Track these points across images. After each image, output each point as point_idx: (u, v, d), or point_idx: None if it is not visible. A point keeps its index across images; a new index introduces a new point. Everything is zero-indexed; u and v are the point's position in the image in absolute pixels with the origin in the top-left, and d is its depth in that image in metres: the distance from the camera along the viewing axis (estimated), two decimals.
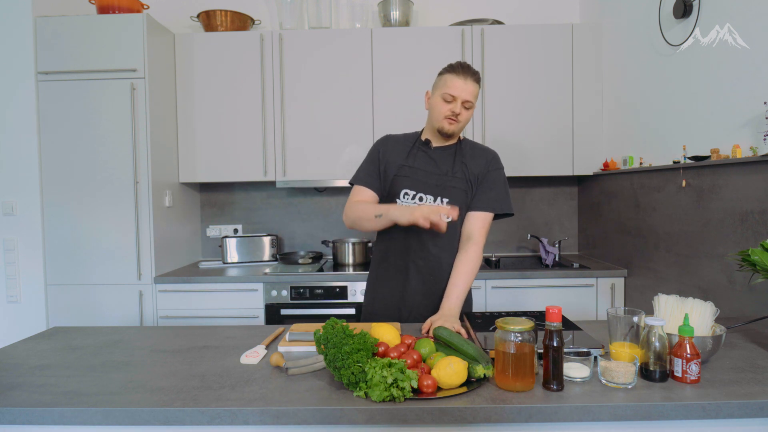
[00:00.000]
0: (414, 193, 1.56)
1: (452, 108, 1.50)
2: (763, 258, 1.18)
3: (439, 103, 1.52)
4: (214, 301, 2.47)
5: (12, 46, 2.35)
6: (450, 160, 1.58)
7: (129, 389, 1.02)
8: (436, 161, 1.58)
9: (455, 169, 1.57)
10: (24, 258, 2.41)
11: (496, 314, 1.43)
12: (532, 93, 2.71)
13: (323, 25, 2.88)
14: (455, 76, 1.49)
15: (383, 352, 1.08)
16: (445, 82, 1.51)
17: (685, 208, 1.95)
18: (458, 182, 1.56)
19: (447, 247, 1.58)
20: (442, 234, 1.53)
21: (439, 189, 1.55)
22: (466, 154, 1.61)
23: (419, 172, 1.57)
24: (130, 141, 2.40)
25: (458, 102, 1.49)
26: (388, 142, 1.66)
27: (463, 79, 1.48)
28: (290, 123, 2.72)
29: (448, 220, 1.37)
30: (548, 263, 2.75)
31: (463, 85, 1.48)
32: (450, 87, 1.49)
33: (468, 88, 1.49)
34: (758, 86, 1.63)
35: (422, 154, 1.60)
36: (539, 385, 0.99)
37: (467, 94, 1.49)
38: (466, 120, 1.54)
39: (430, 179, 1.56)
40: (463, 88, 1.48)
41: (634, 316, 1.12)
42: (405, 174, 1.57)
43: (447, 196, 1.55)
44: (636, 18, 2.35)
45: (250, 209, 3.09)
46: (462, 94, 1.48)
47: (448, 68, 1.53)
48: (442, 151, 1.60)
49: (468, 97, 1.49)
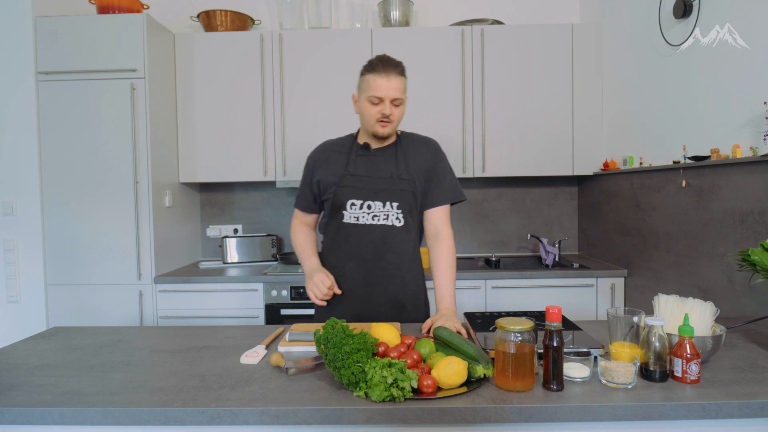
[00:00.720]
0: (361, 202, 1.50)
1: (381, 110, 1.43)
2: (763, 258, 1.18)
3: (368, 107, 1.45)
4: (214, 301, 2.47)
5: (12, 46, 2.35)
6: (392, 162, 1.52)
7: (129, 389, 1.02)
8: (379, 165, 1.52)
9: (400, 171, 1.51)
10: (24, 258, 2.41)
11: (496, 314, 1.43)
12: (532, 93, 2.71)
13: (323, 25, 2.88)
14: (377, 76, 1.41)
15: (383, 352, 1.08)
16: (368, 84, 1.43)
17: (685, 208, 1.95)
18: (405, 184, 1.50)
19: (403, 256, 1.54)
20: (394, 247, 1.52)
21: (386, 194, 1.50)
22: (408, 150, 1.55)
23: (363, 179, 1.50)
24: (130, 141, 2.40)
25: (386, 102, 1.42)
26: (322, 153, 1.59)
27: (385, 77, 1.41)
28: (290, 123, 2.72)
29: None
30: (548, 263, 2.75)
31: (386, 83, 1.41)
32: (374, 88, 1.42)
33: (392, 85, 1.41)
34: (758, 86, 1.63)
35: (363, 159, 1.53)
36: (539, 385, 0.99)
37: (394, 92, 1.42)
38: (400, 117, 1.49)
39: (375, 185, 1.50)
40: (387, 86, 1.41)
41: (634, 316, 1.12)
42: (348, 183, 1.51)
43: (395, 200, 1.50)
44: (636, 18, 2.35)
45: (250, 209, 3.09)
46: (388, 93, 1.41)
47: (368, 67, 1.45)
48: (383, 153, 1.54)
49: (395, 95, 1.42)
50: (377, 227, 1.50)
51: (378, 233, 1.50)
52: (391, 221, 1.50)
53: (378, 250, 1.51)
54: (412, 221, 1.54)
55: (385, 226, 1.50)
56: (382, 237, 1.50)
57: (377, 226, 1.50)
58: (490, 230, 3.09)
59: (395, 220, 1.51)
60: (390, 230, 1.50)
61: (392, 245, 1.51)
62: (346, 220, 1.52)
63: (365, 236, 1.50)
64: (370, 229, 1.50)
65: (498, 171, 2.73)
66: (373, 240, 1.50)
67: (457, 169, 2.71)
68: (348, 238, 1.52)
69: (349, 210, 1.51)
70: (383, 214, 1.50)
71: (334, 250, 1.56)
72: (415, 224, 1.55)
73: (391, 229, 1.50)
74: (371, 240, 1.50)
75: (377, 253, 1.51)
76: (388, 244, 1.51)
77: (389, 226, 1.50)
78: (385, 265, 1.51)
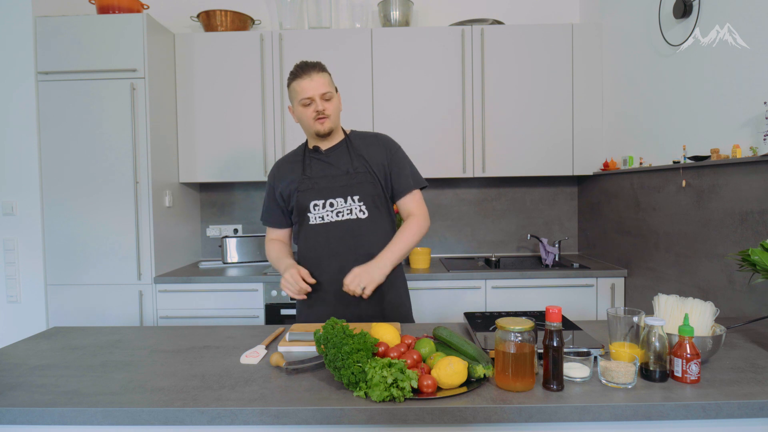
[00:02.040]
0: (323, 201, 1.55)
1: (314, 108, 1.50)
2: (763, 258, 1.18)
3: (303, 111, 1.52)
4: (214, 301, 2.47)
5: (12, 46, 2.35)
6: (346, 158, 1.58)
7: (129, 389, 1.02)
8: (333, 163, 1.58)
9: (355, 165, 1.56)
10: (24, 258, 2.41)
11: (496, 314, 1.43)
12: (532, 93, 2.71)
13: (323, 25, 2.88)
14: (300, 80, 1.49)
15: (383, 352, 1.08)
16: (296, 90, 1.51)
17: (685, 208, 1.95)
18: (362, 176, 1.55)
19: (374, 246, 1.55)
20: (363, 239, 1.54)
21: (345, 189, 1.55)
22: (359, 146, 1.60)
23: (320, 180, 1.56)
24: (130, 141, 2.40)
25: (317, 100, 1.49)
26: (279, 169, 1.65)
27: (308, 78, 1.49)
28: (290, 123, 2.71)
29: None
30: (548, 263, 2.75)
31: (310, 83, 1.49)
32: (301, 91, 1.49)
33: (316, 81, 1.49)
34: (758, 86, 1.63)
35: (316, 162, 1.59)
36: (539, 385, 0.99)
37: (320, 87, 1.49)
38: (336, 109, 1.55)
39: (334, 182, 1.55)
40: (311, 85, 1.48)
41: (634, 316, 1.12)
42: (307, 187, 1.56)
43: (356, 193, 1.54)
44: (636, 18, 2.35)
45: (250, 209, 3.09)
46: (315, 90, 1.48)
47: (290, 77, 1.53)
48: (335, 152, 1.59)
49: (322, 89, 1.49)
50: (343, 223, 1.54)
51: (345, 228, 1.54)
52: (355, 214, 1.54)
53: (348, 245, 1.54)
54: (378, 212, 1.57)
55: (350, 220, 1.54)
56: (350, 231, 1.54)
57: (343, 222, 1.54)
58: (490, 230, 3.09)
59: (359, 213, 1.55)
60: (356, 223, 1.54)
61: (361, 237, 1.54)
62: (312, 222, 1.57)
63: (334, 233, 1.54)
64: (336, 225, 1.54)
65: (498, 171, 2.73)
66: (342, 236, 1.54)
67: (457, 169, 2.71)
68: (318, 239, 1.56)
69: (313, 211, 1.56)
70: (346, 209, 1.55)
71: (307, 254, 1.59)
72: (382, 214, 1.58)
73: (356, 222, 1.54)
74: (340, 236, 1.54)
75: (348, 247, 1.54)
76: (356, 237, 1.54)
77: (354, 219, 1.54)
78: (357, 257, 1.53)
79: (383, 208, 1.59)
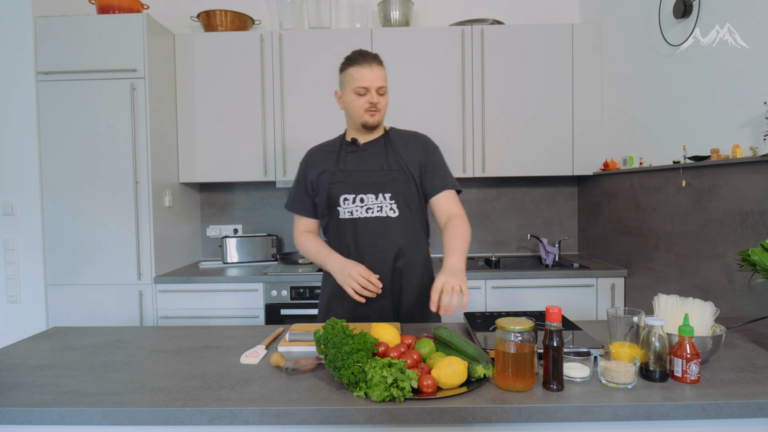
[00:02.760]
0: (354, 196, 1.51)
1: (368, 99, 1.47)
2: (763, 258, 1.18)
3: (354, 99, 1.48)
4: (214, 301, 2.47)
5: (12, 46, 2.35)
6: (382, 154, 1.54)
7: (129, 389, 1.02)
8: (368, 158, 1.54)
9: (390, 162, 1.53)
10: (24, 258, 2.41)
11: (496, 314, 1.43)
12: (532, 93, 2.71)
13: (323, 25, 2.88)
14: (360, 67, 1.46)
15: (383, 352, 1.08)
16: (352, 76, 1.47)
17: (685, 208, 1.95)
18: (396, 174, 1.51)
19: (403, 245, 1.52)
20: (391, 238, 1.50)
21: (377, 186, 1.51)
22: (397, 143, 1.56)
23: (353, 173, 1.52)
24: (130, 141, 2.40)
25: (372, 91, 1.46)
26: (313, 156, 1.61)
27: (368, 68, 1.46)
28: (290, 123, 2.72)
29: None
30: (548, 263, 2.75)
31: (370, 73, 1.46)
32: (358, 79, 1.46)
33: (376, 74, 1.46)
34: (758, 86, 1.63)
35: (352, 155, 1.55)
36: (539, 385, 0.99)
37: (378, 80, 1.47)
38: (386, 105, 1.53)
39: (367, 178, 1.52)
40: (371, 76, 1.46)
41: (634, 316, 1.12)
42: (340, 180, 1.53)
43: (388, 191, 1.51)
44: (636, 18, 2.35)
45: (250, 209, 3.09)
46: (373, 82, 1.46)
47: (348, 62, 1.49)
48: (372, 147, 1.56)
49: (380, 83, 1.47)
50: (372, 220, 1.51)
51: (373, 225, 1.51)
52: (385, 212, 1.51)
53: (375, 243, 1.50)
54: (409, 211, 1.53)
55: (380, 218, 1.51)
56: (378, 229, 1.50)
57: (372, 219, 1.51)
58: (490, 230, 3.09)
59: (389, 211, 1.51)
60: (385, 221, 1.51)
61: (389, 236, 1.51)
62: (342, 216, 1.53)
63: (362, 229, 1.51)
64: (365, 222, 1.51)
65: (498, 171, 2.73)
66: (370, 233, 1.51)
67: (457, 169, 2.71)
68: (345, 234, 1.53)
69: (343, 205, 1.52)
70: (377, 206, 1.51)
71: (335, 248, 1.56)
72: (413, 214, 1.54)
73: (386, 221, 1.51)
74: (368, 233, 1.51)
75: (374, 245, 1.51)
76: (384, 236, 1.50)
77: (384, 217, 1.51)
78: (384, 257, 1.50)
79: (415, 208, 1.55)
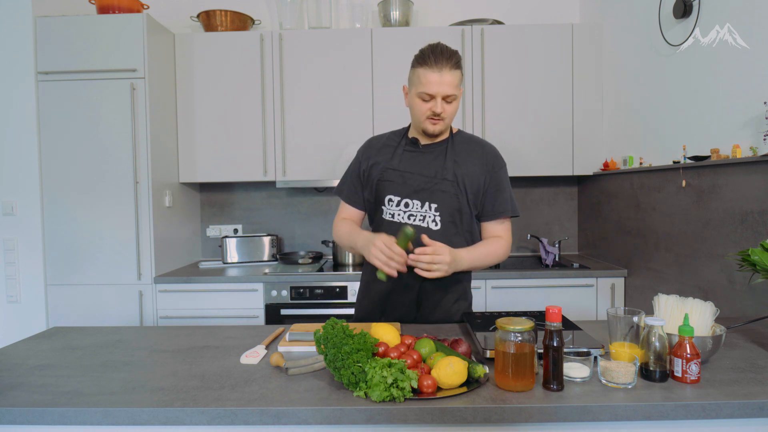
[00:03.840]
0: (399, 199, 1.41)
1: (432, 107, 1.33)
2: (763, 258, 1.18)
3: (418, 103, 1.35)
4: (214, 301, 2.47)
5: (12, 46, 2.35)
6: (440, 160, 1.42)
7: (129, 389, 1.01)
8: (425, 162, 1.42)
9: (446, 171, 1.40)
10: (24, 258, 2.41)
11: (496, 314, 1.43)
12: (532, 93, 2.71)
13: (323, 25, 2.88)
14: (428, 70, 1.29)
15: (383, 352, 1.08)
16: (419, 79, 1.32)
17: (685, 208, 1.95)
18: (448, 185, 1.39)
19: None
20: None
21: (426, 194, 1.39)
22: (460, 151, 1.43)
23: (405, 175, 1.41)
24: (130, 141, 2.40)
25: (437, 100, 1.31)
26: (372, 147, 1.51)
27: (438, 73, 1.29)
28: (290, 123, 2.72)
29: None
30: (548, 263, 2.75)
31: (438, 79, 1.29)
32: (425, 84, 1.30)
33: (445, 80, 1.29)
34: (758, 86, 1.63)
35: (409, 155, 1.44)
36: (539, 385, 0.99)
37: (447, 88, 1.30)
38: (452, 114, 1.37)
39: (417, 182, 1.40)
40: (439, 82, 1.29)
41: (634, 316, 1.12)
42: (390, 178, 1.42)
43: (435, 201, 1.39)
44: (636, 18, 2.35)
45: (250, 209, 3.09)
46: (440, 89, 1.30)
47: (419, 59, 1.33)
48: (432, 150, 1.43)
49: (448, 91, 1.31)
50: None
51: None
52: (426, 223, 1.39)
53: (408, 253, 1.31)
54: (454, 227, 1.40)
55: (420, 227, 1.39)
56: (415, 239, 1.31)
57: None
58: None
59: (431, 223, 1.39)
60: (424, 233, 1.35)
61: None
62: (384, 216, 1.44)
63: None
64: None
65: None
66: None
67: None
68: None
69: (387, 206, 1.43)
70: (420, 215, 1.40)
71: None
72: (457, 231, 1.41)
73: (425, 232, 1.36)
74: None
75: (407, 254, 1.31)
76: (419, 248, 1.29)
77: (424, 228, 1.39)
78: (412, 272, 1.32)
79: (461, 225, 1.42)
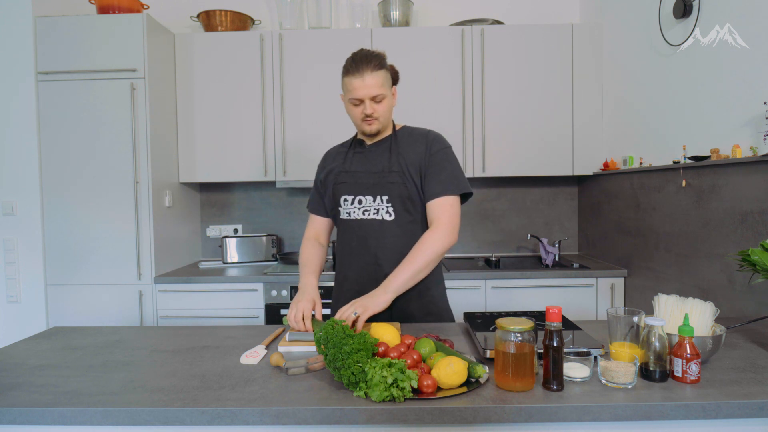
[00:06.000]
0: (352, 198, 1.51)
1: (362, 110, 1.43)
2: (763, 258, 1.18)
3: (351, 109, 1.46)
4: (214, 301, 2.47)
5: (12, 46, 2.35)
6: (386, 155, 1.51)
7: (129, 389, 1.01)
8: (372, 159, 1.52)
9: (392, 164, 1.49)
10: (24, 258, 2.41)
11: (496, 314, 1.43)
12: (532, 93, 2.71)
13: (323, 25, 2.88)
14: (352, 78, 1.40)
15: (383, 352, 1.08)
16: (346, 86, 1.43)
17: (685, 208, 1.95)
18: (395, 176, 1.47)
19: (396, 251, 1.47)
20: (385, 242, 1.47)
21: (376, 188, 1.48)
22: (403, 144, 1.52)
23: (356, 174, 1.52)
24: (130, 141, 2.40)
25: (366, 102, 1.41)
26: (327, 157, 1.63)
27: (360, 78, 1.39)
28: (290, 123, 2.72)
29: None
30: (548, 263, 2.75)
31: (361, 83, 1.39)
32: (351, 91, 1.41)
33: (368, 83, 1.39)
34: (758, 86, 1.63)
35: (358, 156, 1.55)
36: (539, 385, 0.99)
37: (371, 90, 1.39)
38: (385, 111, 1.46)
39: (367, 179, 1.50)
40: (362, 86, 1.39)
41: (634, 316, 1.12)
42: (343, 180, 1.53)
43: (386, 193, 1.48)
44: (636, 18, 2.35)
45: (250, 209, 3.09)
46: (365, 92, 1.39)
47: (344, 69, 1.43)
48: (377, 148, 1.54)
49: (374, 92, 1.40)
50: (367, 222, 1.50)
51: (369, 228, 1.49)
52: (381, 215, 1.48)
53: (370, 246, 1.48)
54: (408, 215, 1.49)
55: (375, 220, 1.49)
56: (373, 232, 1.48)
57: (368, 221, 1.49)
58: (490, 230, 3.09)
59: (385, 214, 1.48)
60: (380, 225, 1.48)
61: (383, 240, 1.48)
62: (342, 217, 1.54)
63: (358, 232, 1.51)
64: (361, 224, 1.50)
65: (498, 171, 2.73)
66: (365, 235, 1.50)
67: None
68: (344, 235, 1.54)
69: (343, 206, 1.53)
70: (373, 209, 1.49)
71: (339, 247, 1.59)
72: (412, 218, 1.50)
73: (381, 224, 1.48)
74: (363, 235, 1.50)
75: (369, 248, 1.48)
76: (378, 239, 1.48)
77: (379, 220, 1.48)
78: (378, 260, 1.48)
79: (415, 212, 1.49)
